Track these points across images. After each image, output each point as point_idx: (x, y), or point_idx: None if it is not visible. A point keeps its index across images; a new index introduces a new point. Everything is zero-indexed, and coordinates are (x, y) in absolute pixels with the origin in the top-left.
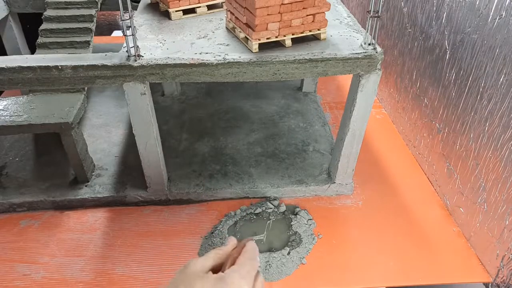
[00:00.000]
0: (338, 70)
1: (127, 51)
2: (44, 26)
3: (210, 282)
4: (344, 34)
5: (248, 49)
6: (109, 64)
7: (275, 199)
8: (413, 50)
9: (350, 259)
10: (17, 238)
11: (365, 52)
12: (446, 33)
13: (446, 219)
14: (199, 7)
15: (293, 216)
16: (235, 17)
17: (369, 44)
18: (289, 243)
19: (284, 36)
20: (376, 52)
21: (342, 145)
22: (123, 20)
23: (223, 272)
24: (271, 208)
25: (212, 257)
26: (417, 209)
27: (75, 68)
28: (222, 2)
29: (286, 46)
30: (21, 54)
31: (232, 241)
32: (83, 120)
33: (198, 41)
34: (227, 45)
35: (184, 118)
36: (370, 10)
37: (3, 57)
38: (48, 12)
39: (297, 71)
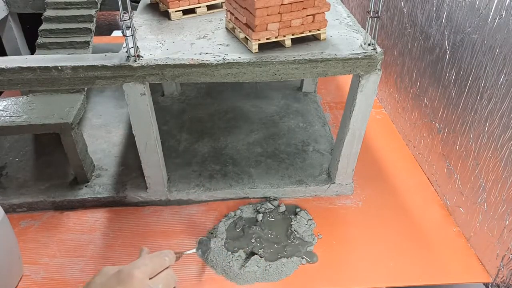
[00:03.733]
0: (338, 70)
1: (126, 52)
2: (43, 26)
3: (108, 274)
4: (344, 34)
5: (248, 49)
6: (108, 64)
7: (275, 199)
8: (413, 50)
9: (350, 259)
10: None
11: (365, 53)
12: (446, 33)
13: (446, 219)
14: (199, 7)
15: (293, 216)
16: (235, 17)
17: (369, 44)
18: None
19: (284, 36)
20: (376, 52)
21: (342, 145)
22: (123, 20)
23: None
24: (271, 208)
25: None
26: (417, 209)
27: (74, 68)
28: (222, 2)
29: (286, 46)
30: (21, 55)
31: (144, 250)
32: (83, 120)
33: (198, 42)
34: (227, 45)
35: (184, 118)
36: (370, 10)
37: (3, 57)
38: (48, 13)
39: (297, 71)
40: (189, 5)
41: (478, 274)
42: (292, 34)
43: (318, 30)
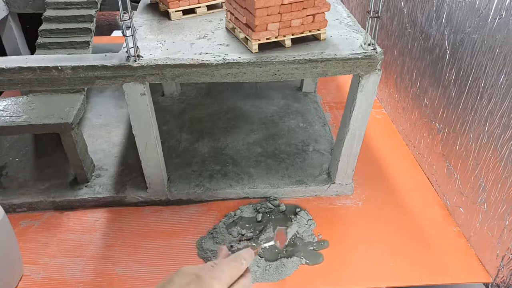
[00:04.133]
0: (338, 70)
1: (126, 52)
2: (43, 26)
3: (187, 277)
4: (344, 34)
5: (248, 49)
6: (108, 64)
7: (275, 199)
8: (413, 50)
9: (350, 259)
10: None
11: (365, 53)
12: (446, 33)
13: (446, 219)
14: (199, 7)
15: (293, 216)
16: (235, 17)
17: (369, 44)
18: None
19: (284, 36)
20: (376, 53)
21: (342, 145)
22: (123, 20)
23: None
24: (271, 208)
25: (206, 266)
26: (417, 209)
27: (75, 68)
28: (222, 2)
29: (286, 46)
30: (21, 55)
31: (222, 251)
32: (83, 120)
33: (198, 42)
34: (227, 45)
35: (184, 118)
36: (370, 10)
37: (3, 57)
38: (48, 13)
39: (297, 71)
40: (189, 5)
41: (478, 274)
42: (292, 34)
43: (318, 30)
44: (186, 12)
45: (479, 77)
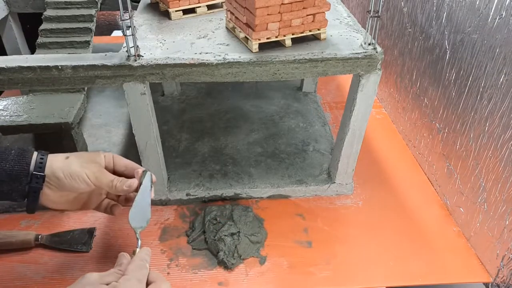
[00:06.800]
0: (338, 70)
1: (127, 51)
2: (44, 26)
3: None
4: (344, 34)
5: (248, 49)
6: (109, 64)
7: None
8: (413, 50)
9: (350, 259)
10: None
11: (365, 52)
12: (446, 33)
13: (446, 219)
14: (199, 7)
15: None
16: (235, 17)
17: (369, 44)
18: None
19: (284, 36)
20: (376, 52)
21: (342, 145)
22: (123, 20)
23: None
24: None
25: (112, 273)
26: (417, 209)
27: (75, 68)
28: (222, 2)
29: (286, 46)
30: (21, 54)
31: (125, 258)
32: (83, 120)
33: (198, 41)
34: (227, 45)
35: (184, 118)
36: (370, 10)
37: (3, 57)
38: (48, 12)
39: (297, 71)
40: (189, 4)
41: (478, 274)
42: (292, 34)
43: (318, 29)
44: (186, 11)
45: (479, 77)
